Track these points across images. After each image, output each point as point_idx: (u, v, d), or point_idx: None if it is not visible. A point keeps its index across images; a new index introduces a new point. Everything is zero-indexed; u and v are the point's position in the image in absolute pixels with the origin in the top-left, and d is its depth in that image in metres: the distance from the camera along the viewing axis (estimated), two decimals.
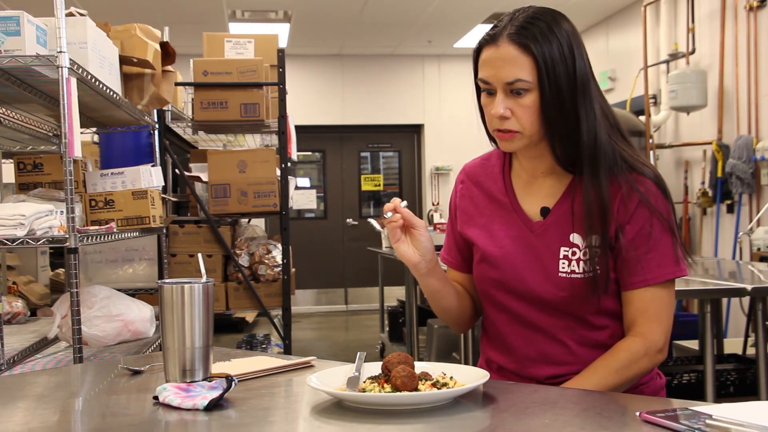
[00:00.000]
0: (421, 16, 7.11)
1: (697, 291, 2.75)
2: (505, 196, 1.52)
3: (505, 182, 1.53)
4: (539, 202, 1.48)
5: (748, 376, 3.25)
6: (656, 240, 1.40)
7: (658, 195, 1.41)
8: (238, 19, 6.99)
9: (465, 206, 1.58)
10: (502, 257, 1.48)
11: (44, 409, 1.25)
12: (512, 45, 1.35)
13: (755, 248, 4.41)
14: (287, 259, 3.87)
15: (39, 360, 2.64)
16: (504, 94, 1.37)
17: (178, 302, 1.26)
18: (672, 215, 1.43)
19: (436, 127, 8.89)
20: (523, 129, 1.38)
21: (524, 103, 1.36)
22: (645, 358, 1.38)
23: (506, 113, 1.37)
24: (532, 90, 1.35)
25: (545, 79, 1.34)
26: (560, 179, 1.47)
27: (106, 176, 2.91)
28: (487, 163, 1.59)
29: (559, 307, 1.43)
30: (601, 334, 1.44)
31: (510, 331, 1.50)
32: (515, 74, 1.35)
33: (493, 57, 1.37)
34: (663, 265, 1.40)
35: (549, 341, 1.45)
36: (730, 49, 5.29)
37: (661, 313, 1.40)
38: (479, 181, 1.57)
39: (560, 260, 1.42)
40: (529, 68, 1.34)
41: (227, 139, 5.07)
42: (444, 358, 4.59)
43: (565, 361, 1.45)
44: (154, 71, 3.03)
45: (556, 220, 1.45)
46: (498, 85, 1.37)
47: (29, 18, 2.18)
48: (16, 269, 3.78)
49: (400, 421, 1.07)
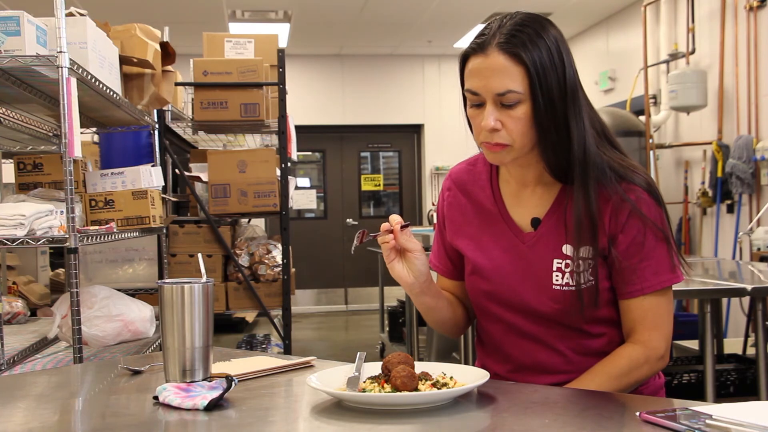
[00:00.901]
0: (421, 16, 7.11)
1: (697, 291, 2.75)
2: (494, 206, 1.49)
3: (493, 190, 1.50)
4: (529, 213, 1.45)
5: (748, 376, 3.25)
6: (650, 248, 1.37)
7: (651, 203, 1.38)
8: (238, 19, 6.99)
9: (453, 216, 1.55)
10: (494, 269, 1.45)
11: (44, 409, 1.25)
12: (502, 54, 1.30)
13: (755, 248, 4.40)
14: (287, 259, 3.87)
15: (39, 360, 2.64)
16: (494, 105, 1.32)
17: (178, 302, 1.26)
18: (666, 221, 1.40)
19: (436, 127, 8.89)
20: (513, 142, 1.34)
21: (515, 114, 1.31)
22: (645, 366, 1.38)
23: (497, 125, 1.32)
24: (523, 101, 1.31)
25: (537, 89, 1.30)
26: (549, 189, 1.44)
27: (106, 176, 2.91)
28: (474, 169, 1.55)
29: (555, 318, 1.41)
30: (598, 341, 1.43)
31: (505, 341, 1.48)
32: (506, 85, 1.30)
33: (481, 67, 1.32)
34: (659, 273, 1.38)
35: (545, 351, 1.44)
36: (730, 49, 5.29)
37: (660, 321, 1.39)
38: (467, 189, 1.54)
39: (554, 273, 1.40)
40: (520, 78, 1.29)
41: (227, 139, 5.07)
42: (444, 358, 4.59)
43: (563, 370, 1.43)
44: (154, 71, 3.03)
45: (547, 231, 1.42)
46: (488, 97, 1.32)
47: (29, 18, 2.18)
48: (16, 269, 3.78)
49: (400, 421, 1.07)
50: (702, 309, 2.94)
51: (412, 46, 8.40)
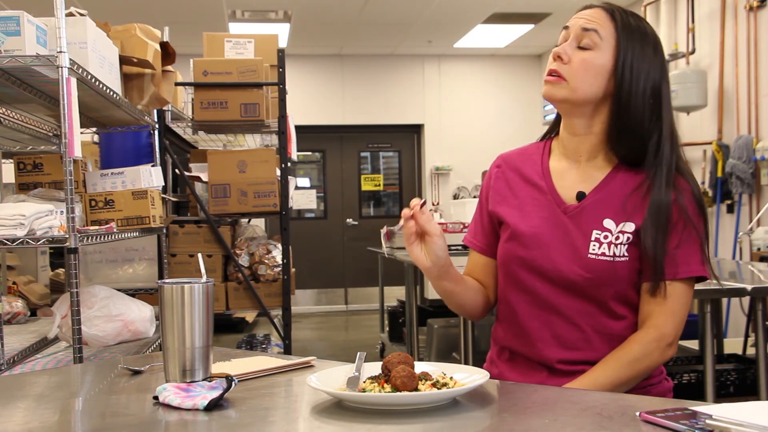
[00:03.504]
0: (421, 16, 7.11)
1: (697, 291, 2.72)
2: (542, 180, 1.53)
3: (543, 167, 1.55)
4: (576, 187, 1.50)
5: (748, 376, 3.25)
6: (686, 238, 1.43)
7: (694, 206, 1.45)
8: (238, 19, 6.99)
9: (499, 187, 1.59)
10: (532, 236, 1.49)
11: (44, 409, 1.25)
12: (602, 10, 1.46)
13: (755, 248, 4.40)
14: (287, 259, 3.87)
15: (39, 360, 2.65)
16: (576, 40, 1.44)
17: (178, 302, 1.26)
18: (704, 227, 1.46)
19: (436, 127, 8.89)
20: (570, 79, 1.43)
21: (586, 56, 1.42)
22: (656, 351, 1.40)
23: (564, 55, 1.44)
24: (600, 50, 1.42)
25: (622, 49, 1.41)
26: (599, 168, 1.49)
27: (106, 176, 2.91)
28: (525, 152, 1.62)
29: (583, 290, 1.44)
30: (618, 324, 1.46)
31: (527, 312, 1.50)
32: (594, 25, 1.43)
33: (581, 13, 1.47)
34: (690, 263, 1.43)
35: (566, 324, 1.46)
36: (730, 49, 5.29)
37: (677, 308, 1.43)
38: (517, 166, 1.59)
39: (591, 242, 1.44)
40: (609, 31, 1.42)
41: (227, 139, 5.07)
42: (444, 358, 4.59)
43: (579, 347, 1.46)
44: (154, 71, 3.02)
45: (591, 204, 1.47)
46: (573, 30, 1.45)
47: (29, 18, 2.18)
48: (16, 269, 3.78)
49: (400, 421, 1.07)
50: (702, 309, 2.94)
51: (412, 46, 8.40)
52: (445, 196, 8.78)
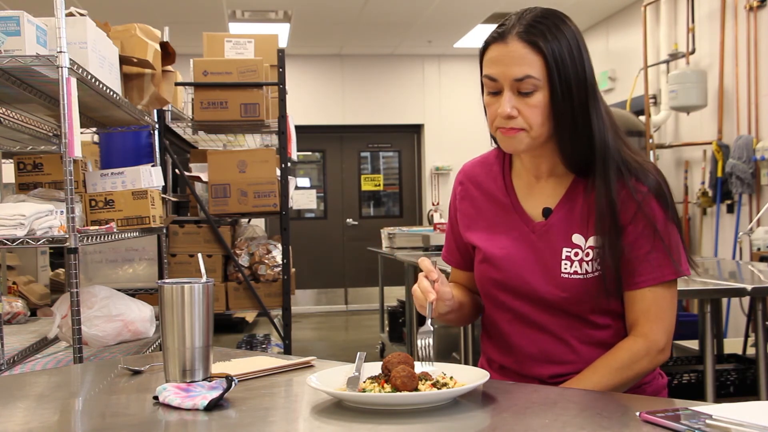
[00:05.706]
0: (421, 16, 7.11)
1: (697, 291, 2.74)
2: (506, 197, 1.51)
3: (505, 182, 1.52)
4: (541, 203, 1.47)
5: (748, 376, 3.25)
6: (658, 240, 1.39)
7: (656, 207, 1.40)
8: (238, 19, 6.99)
9: (465, 209, 1.57)
10: (504, 258, 1.47)
11: (44, 409, 1.25)
12: (521, 42, 1.33)
13: (755, 248, 4.40)
14: (287, 259, 3.87)
15: (39, 360, 2.64)
16: (511, 92, 1.35)
17: (178, 302, 1.26)
18: (674, 216, 1.42)
19: (436, 127, 8.88)
20: (530, 127, 1.36)
21: (532, 102, 1.35)
22: (646, 358, 1.39)
23: (513, 112, 1.35)
24: (540, 89, 1.34)
25: (555, 78, 1.33)
26: (561, 180, 1.47)
27: (106, 176, 2.91)
28: (486, 163, 1.58)
29: (562, 307, 1.43)
30: (603, 333, 1.45)
31: (512, 330, 1.49)
32: (524, 71, 1.33)
33: (501, 54, 1.35)
34: (665, 266, 1.40)
35: (551, 340, 1.45)
36: (730, 49, 5.29)
37: (663, 314, 1.40)
38: (479, 182, 1.56)
39: (563, 261, 1.42)
40: (538, 66, 1.33)
41: (227, 139, 5.07)
42: (444, 358, 4.59)
43: (568, 360, 1.45)
44: (154, 71, 3.02)
45: (558, 220, 1.45)
46: (505, 83, 1.35)
47: (29, 18, 2.18)
48: (16, 269, 3.78)
49: (400, 421, 1.07)
50: (702, 309, 2.94)
51: (412, 46, 8.40)
52: (445, 196, 8.78)
